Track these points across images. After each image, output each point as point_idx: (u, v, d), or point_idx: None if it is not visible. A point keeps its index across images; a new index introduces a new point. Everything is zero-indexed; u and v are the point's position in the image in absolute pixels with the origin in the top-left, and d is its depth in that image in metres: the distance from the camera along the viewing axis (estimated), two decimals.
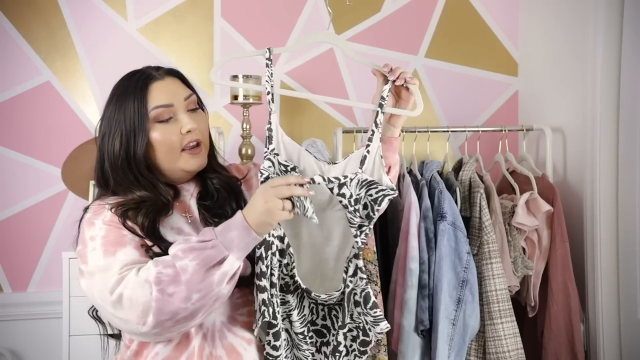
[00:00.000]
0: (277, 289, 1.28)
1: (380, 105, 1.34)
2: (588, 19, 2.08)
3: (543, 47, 2.40)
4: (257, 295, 1.25)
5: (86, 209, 1.31)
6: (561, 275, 2.04)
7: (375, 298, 1.94)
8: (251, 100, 2.19)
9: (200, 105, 1.37)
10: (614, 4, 2.03)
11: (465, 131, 2.24)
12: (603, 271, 2.04)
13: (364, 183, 1.27)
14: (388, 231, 2.14)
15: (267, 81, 1.37)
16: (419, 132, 2.19)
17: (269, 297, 1.24)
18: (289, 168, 1.30)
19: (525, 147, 2.29)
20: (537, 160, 2.33)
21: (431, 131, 2.20)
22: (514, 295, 2.09)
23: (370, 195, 1.26)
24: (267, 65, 1.38)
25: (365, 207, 1.26)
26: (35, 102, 2.34)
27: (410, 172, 2.16)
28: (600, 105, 2.04)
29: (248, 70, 2.36)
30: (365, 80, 2.52)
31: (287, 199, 1.16)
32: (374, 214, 1.26)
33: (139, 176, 1.29)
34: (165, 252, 1.21)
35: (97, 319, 1.32)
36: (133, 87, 1.29)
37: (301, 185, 1.19)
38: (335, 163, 1.38)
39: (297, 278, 1.30)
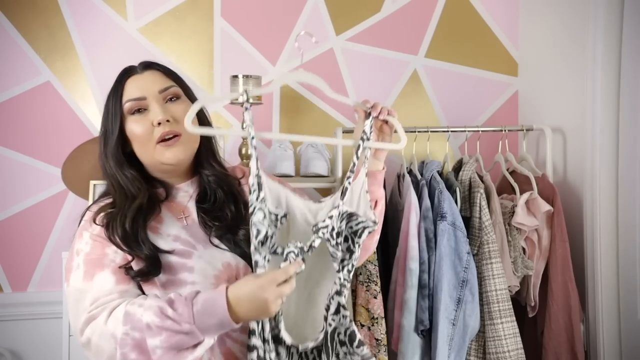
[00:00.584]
0: (270, 343, 1.20)
1: (363, 139, 1.31)
2: (588, 18, 2.08)
3: (543, 47, 2.40)
4: (248, 354, 1.18)
5: (86, 210, 1.32)
6: (561, 275, 2.04)
7: (375, 298, 1.95)
8: (251, 101, 2.17)
9: (188, 96, 1.35)
10: (614, 3, 2.03)
11: (465, 131, 2.24)
12: (603, 271, 2.04)
13: (344, 215, 1.24)
14: (388, 231, 2.14)
15: (248, 125, 1.26)
16: (419, 132, 2.19)
17: (260, 355, 1.16)
18: (279, 216, 1.23)
19: (525, 147, 2.29)
20: (537, 160, 2.33)
21: (431, 131, 2.20)
22: (514, 295, 2.09)
23: (351, 227, 1.23)
24: (245, 109, 1.28)
25: (345, 239, 1.23)
26: (35, 102, 2.34)
27: (410, 172, 2.16)
28: (600, 105, 2.04)
29: (248, 70, 2.36)
30: (365, 80, 2.52)
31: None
32: (354, 247, 1.23)
33: (125, 170, 1.30)
34: (150, 259, 1.21)
35: None
36: (115, 84, 1.33)
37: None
38: (321, 202, 1.31)
39: (281, 334, 1.22)
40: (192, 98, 1.36)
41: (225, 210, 1.33)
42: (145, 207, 1.28)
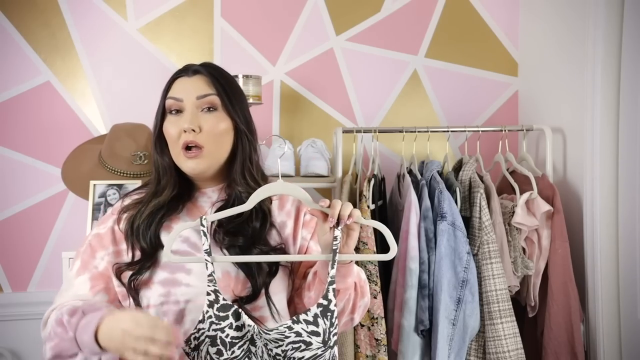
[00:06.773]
0: None
1: (335, 252, 1.17)
2: (588, 18, 2.08)
3: (543, 47, 2.40)
4: None
5: (125, 196, 1.39)
6: (561, 275, 2.04)
7: (375, 298, 1.95)
8: (251, 100, 2.18)
9: (230, 106, 1.33)
10: (614, 4, 2.03)
11: (465, 131, 2.24)
12: (603, 271, 2.04)
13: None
14: None
15: (206, 260, 1.17)
16: (419, 132, 2.19)
17: None
18: None
19: (525, 147, 2.29)
20: (537, 160, 2.33)
21: (431, 131, 2.20)
22: (514, 295, 2.09)
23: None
24: (204, 234, 1.19)
25: None
26: (35, 102, 2.33)
27: (410, 172, 2.16)
28: (600, 105, 2.04)
29: (248, 70, 2.36)
30: (365, 80, 2.52)
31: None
32: None
33: (164, 158, 1.35)
34: (144, 252, 1.28)
35: None
36: (170, 79, 1.37)
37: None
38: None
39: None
40: (235, 108, 1.34)
41: (246, 226, 1.30)
42: (167, 205, 1.32)
